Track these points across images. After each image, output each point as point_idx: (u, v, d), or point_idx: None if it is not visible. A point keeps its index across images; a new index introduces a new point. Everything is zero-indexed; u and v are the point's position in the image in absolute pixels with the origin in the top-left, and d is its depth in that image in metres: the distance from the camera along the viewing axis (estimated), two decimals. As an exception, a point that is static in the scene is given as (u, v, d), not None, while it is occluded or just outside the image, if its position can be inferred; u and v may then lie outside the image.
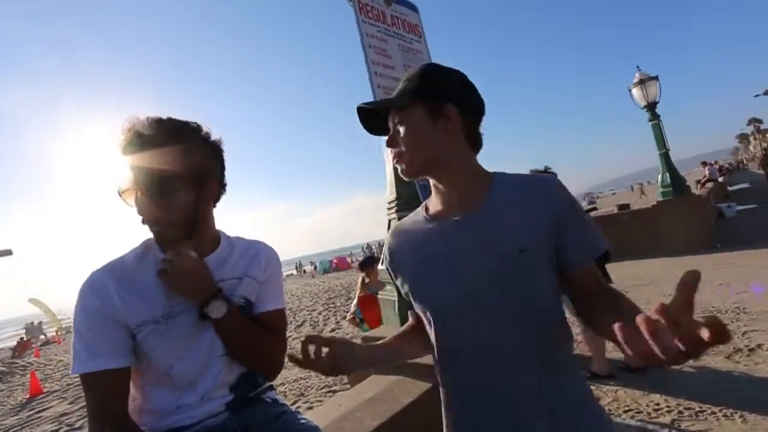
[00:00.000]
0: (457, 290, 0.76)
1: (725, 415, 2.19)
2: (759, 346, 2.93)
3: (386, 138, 0.83)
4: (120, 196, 0.89)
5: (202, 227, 0.95)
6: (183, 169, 0.88)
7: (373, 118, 0.84)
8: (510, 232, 0.74)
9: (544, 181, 0.80)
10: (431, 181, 0.85)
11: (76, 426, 4.98)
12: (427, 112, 0.79)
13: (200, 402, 0.91)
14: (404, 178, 0.83)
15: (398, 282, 0.89)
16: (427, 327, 0.83)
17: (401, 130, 0.80)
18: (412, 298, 0.84)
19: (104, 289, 0.85)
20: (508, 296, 0.73)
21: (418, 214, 0.89)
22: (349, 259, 27.66)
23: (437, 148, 0.79)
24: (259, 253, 1.05)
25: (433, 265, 0.80)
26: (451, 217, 0.80)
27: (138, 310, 0.86)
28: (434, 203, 0.86)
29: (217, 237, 1.01)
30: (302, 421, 1.02)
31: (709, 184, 12.89)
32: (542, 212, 0.76)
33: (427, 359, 1.49)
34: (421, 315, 0.84)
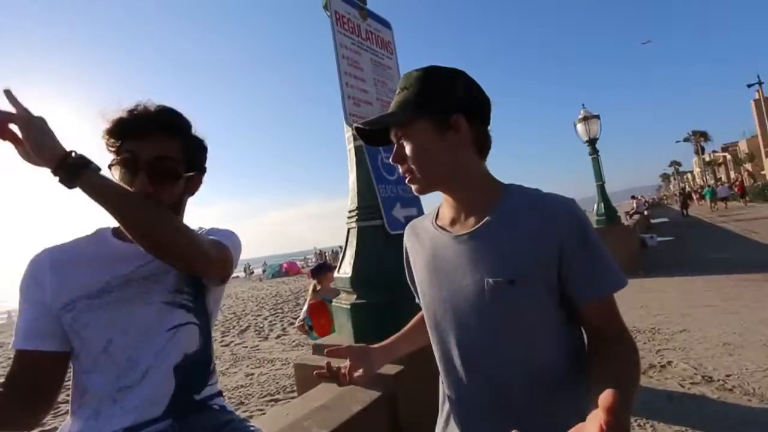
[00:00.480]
0: (447, 306, 0.76)
1: (639, 425, 2.43)
2: (669, 363, 3.28)
3: (391, 154, 0.79)
4: (109, 168, 0.88)
5: (179, 216, 0.96)
6: (181, 159, 0.91)
7: (370, 130, 0.80)
8: (504, 260, 0.70)
9: (555, 203, 0.73)
10: (442, 193, 0.82)
11: None
12: (433, 126, 0.74)
13: (141, 380, 0.85)
14: (415, 191, 0.80)
15: (411, 276, 0.93)
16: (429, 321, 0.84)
17: (407, 146, 0.75)
18: (420, 295, 0.87)
19: (40, 269, 0.86)
20: (488, 326, 0.71)
21: (428, 218, 0.88)
22: (300, 264, 27.02)
23: (447, 163, 0.75)
24: (216, 229, 1.05)
25: (433, 276, 0.80)
26: (454, 233, 0.78)
27: (70, 286, 0.85)
28: (444, 212, 0.85)
29: None
30: (251, 429, 1.00)
31: (636, 216, 14.30)
32: (546, 238, 0.69)
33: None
34: (425, 310, 0.85)
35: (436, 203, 0.92)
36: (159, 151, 0.88)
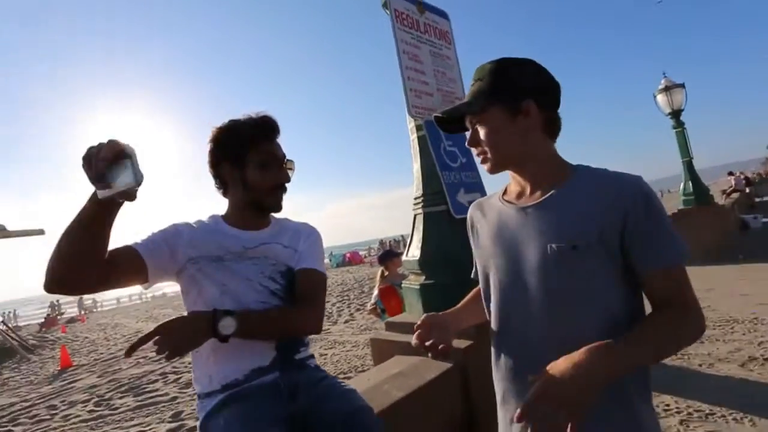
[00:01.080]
0: (511, 273, 0.82)
1: (735, 419, 2.25)
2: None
3: (468, 138, 0.88)
4: (285, 164, 1.17)
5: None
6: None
7: (447, 118, 0.90)
8: (567, 227, 0.75)
9: (622, 178, 0.77)
10: (510, 172, 0.88)
11: (105, 397, 5.29)
12: (505, 113, 0.81)
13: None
14: (488, 170, 0.87)
15: (474, 250, 0.99)
16: (489, 292, 0.91)
17: (481, 131, 0.84)
18: (481, 268, 0.94)
19: (181, 229, 1.11)
20: (550, 289, 0.76)
21: (495, 196, 0.96)
22: (362, 253, 27.82)
23: (518, 145, 0.82)
24: (305, 232, 1.26)
25: (498, 246, 0.86)
26: (521, 205, 0.84)
27: (198, 248, 1.09)
28: (511, 189, 0.92)
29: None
30: (343, 384, 1.17)
31: (735, 195, 12.58)
32: (611, 208, 0.73)
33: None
34: (484, 282, 0.92)
35: (498, 188, 0.99)
36: (281, 150, 1.17)
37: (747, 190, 15.63)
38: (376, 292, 3.70)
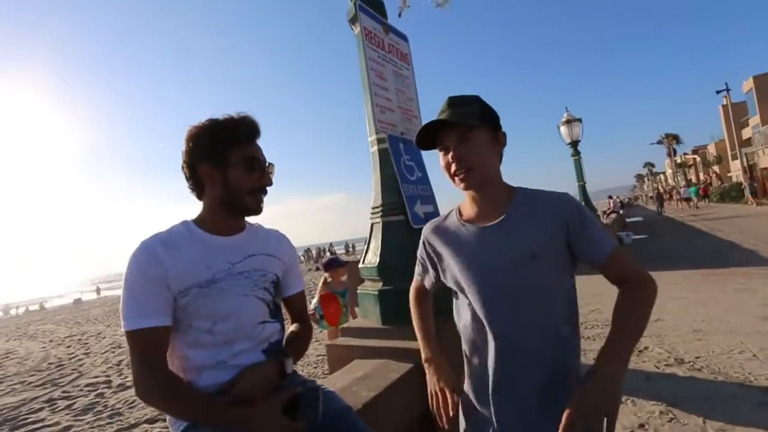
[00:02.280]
0: (478, 283, 0.94)
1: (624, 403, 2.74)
2: (646, 348, 3.64)
3: (452, 150, 0.93)
4: (267, 168, 1.14)
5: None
6: None
7: (423, 134, 0.97)
8: (525, 240, 0.91)
9: (557, 196, 0.96)
10: (472, 192, 0.99)
11: None
12: (489, 136, 0.95)
13: (235, 358, 1.05)
14: (464, 189, 0.97)
15: (441, 272, 1.07)
16: (464, 308, 1.01)
17: (470, 147, 0.92)
18: (457, 288, 1.02)
19: (156, 254, 0.99)
20: (513, 293, 0.91)
21: (452, 217, 1.06)
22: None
23: (492, 168, 0.97)
24: (280, 238, 1.27)
25: (464, 261, 0.98)
26: (482, 225, 0.98)
27: (184, 276, 1.00)
28: (468, 210, 1.03)
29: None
30: (323, 387, 1.21)
31: (613, 215, 15.00)
32: (555, 222, 0.92)
33: (405, 344, 1.74)
34: (461, 298, 1.01)
35: (446, 201, 1.15)
36: (261, 153, 1.13)
37: (621, 212, 18.73)
38: (316, 298, 3.69)
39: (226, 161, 1.06)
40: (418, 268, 1.20)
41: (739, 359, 3.24)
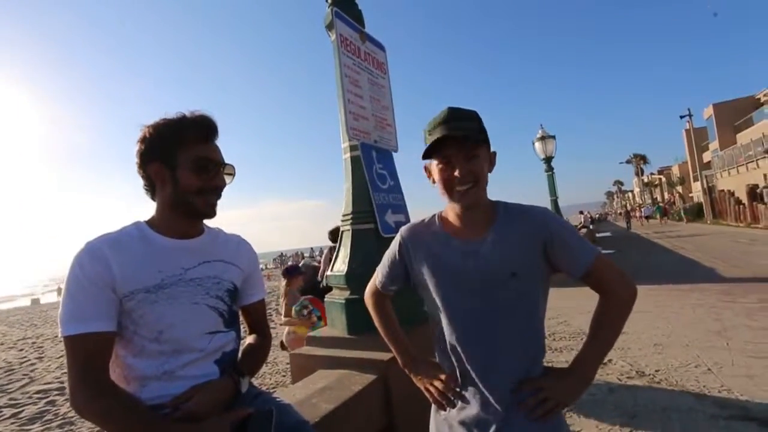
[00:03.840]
0: (459, 297, 0.96)
1: (585, 415, 2.80)
2: (610, 360, 3.73)
3: (459, 166, 0.92)
4: (222, 168, 1.10)
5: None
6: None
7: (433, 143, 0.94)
8: (507, 258, 0.93)
9: (536, 212, 0.98)
10: (459, 206, 0.97)
11: None
12: (487, 155, 0.97)
13: (183, 368, 0.99)
14: (462, 205, 0.96)
15: (414, 280, 1.06)
16: (442, 320, 1.00)
17: (476, 164, 0.92)
18: (426, 293, 1.02)
19: (102, 257, 0.94)
20: (494, 308, 0.93)
21: (434, 226, 1.04)
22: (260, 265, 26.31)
23: (486, 185, 0.97)
24: (240, 245, 1.22)
25: (447, 276, 0.98)
26: (465, 239, 0.98)
27: (131, 279, 0.95)
28: (452, 223, 1.02)
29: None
30: (278, 399, 1.17)
31: (584, 230, 15.50)
32: (534, 238, 0.94)
33: (370, 354, 1.71)
34: (440, 310, 1.00)
35: (415, 211, 1.13)
36: (219, 155, 1.09)
37: (591, 227, 19.38)
38: (283, 300, 3.70)
39: (175, 161, 1.02)
40: (383, 271, 1.14)
41: (695, 372, 3.37)
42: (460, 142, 0.91)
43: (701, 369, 3.43)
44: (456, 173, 0.92)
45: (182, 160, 1.02)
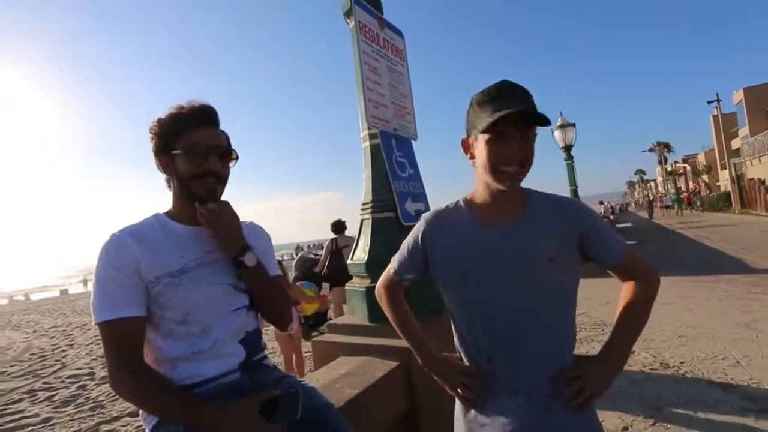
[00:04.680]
0: (492, 281, 0.92)
1: (607, 407, 2.76)
2: (633, 352, 3.67)
3: (517, 145, 0.86)
4: (217, 151, 1.09)
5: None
6: (228, 144, 1.13)
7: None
8: (544, 243, 0.91)
9: (570, 203, 0.97)
10: (496, 186, 0.91)
11: None
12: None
13: (212, 349, 1.02)
14: (505, 187, 0.90)
15: (435, 268, 1.01)
16: (465, 315, 0.98)
17: (531, 145, 0.88)
18: (451, 277, 0.97)
19: (127, 246, 0.99)
20: (530, 292, 0.90)
21: (461, 210, 1.00)
22: (277, 259, 26.69)
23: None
24: (253, 228, 1.26)
25: (476, 258, 0.94)
26: (498, 223, 0.94)
27: (155, 265, 0.99)
28: (482, 206, 0.98)
29: None
30: (304, 383, 1.19)
31: (605, 220, 15.17)
32: (570, 228, 0.93)
33: (392, 342, 1.72)
34: (456, 307, 0.98)
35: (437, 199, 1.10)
36: (222, 140, 1.12)
37: (612, 217, 18.93)
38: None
39: (173, 150, 1.06)
40: (400, 259, 1.10)
41: (722, 365, 3.28)
42: (519, 120, 0.84)
43: (729, 361, 3.33)
44: (511, 151, 0.86)
45: (178, 148, 1.06)
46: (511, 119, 0.83)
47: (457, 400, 1.06)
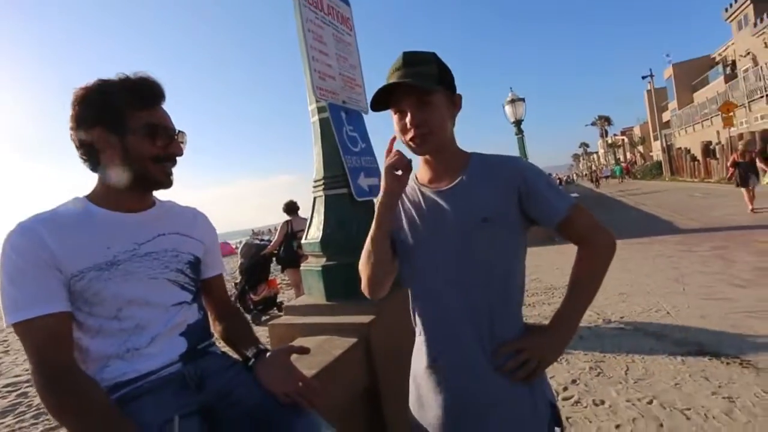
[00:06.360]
0: (432, 243, 0.93)
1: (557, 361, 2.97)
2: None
3: (411, 114, 0.88)
4: (177, 135, 1.01)
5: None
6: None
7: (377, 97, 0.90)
8: (478, 204, 0.91)
9: (510, 160, 0.96)
10: (427, 156, 0.96)
11: None
12: (447, 100, 0.92)
13: (149, 346, 0.94)
14: (418, 153, 0.94)
15: (397, 241, 1.00)
16: (407, 271, 0.99)
17: (428, 112, 0.88)
18: (401, 246, 0.99)
19: (36, 235, 0.86)
20: (467, 253, 0.90)
21: (409, 182, 1.00)
22: (233, 244, 25.75)
23: (449, 131, 0.94)
24: (196, 217, 1.16)
25: (419, 222, 0.96)
26: (436, 188, 0.96)
27: (77, 257, 0.88)
28: (423, 174, 1.01)
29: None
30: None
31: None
32: (508, 185, 0.91)
33: (350, 319, 1.70)
34: (405, 260, 0.99)
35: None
36: (167, 119, 1.01)
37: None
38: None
39: (124, 126, 0.93)
40: None
41: (656, 317, 3.62)
42: (411, 90, 0.87)
43: (661, 313, 3.68)
44: (408, 121, 0.89)
45: (133, 126, 0.94)
46: (404, 90, 0.88)
47: (411, 371, 1.05)
